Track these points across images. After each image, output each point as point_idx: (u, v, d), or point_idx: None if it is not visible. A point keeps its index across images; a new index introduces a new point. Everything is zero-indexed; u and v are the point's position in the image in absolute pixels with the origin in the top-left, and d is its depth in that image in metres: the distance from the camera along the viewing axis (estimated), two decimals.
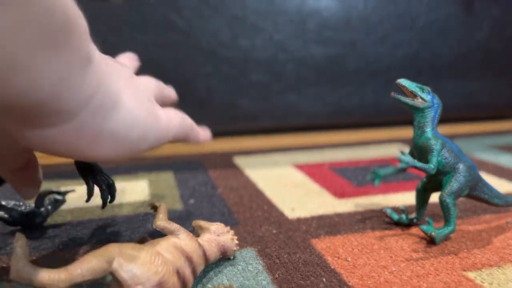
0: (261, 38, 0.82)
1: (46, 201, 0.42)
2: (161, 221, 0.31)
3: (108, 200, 0.36)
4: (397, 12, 0.88)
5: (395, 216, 0.42)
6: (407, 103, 0.39)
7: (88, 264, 0.23)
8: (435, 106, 0.39)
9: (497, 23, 0.94)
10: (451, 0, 0.91)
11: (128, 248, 0.25)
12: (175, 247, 0.28)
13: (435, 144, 0.38)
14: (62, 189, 0.57)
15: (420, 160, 0.39)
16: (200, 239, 0.33)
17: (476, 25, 0.93)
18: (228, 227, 0.35)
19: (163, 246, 0.28)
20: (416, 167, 0.36)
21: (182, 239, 0.30)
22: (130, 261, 0.24)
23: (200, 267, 0.30)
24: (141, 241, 0.35)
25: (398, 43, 0.89)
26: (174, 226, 0.31)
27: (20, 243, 0.23)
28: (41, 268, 0.22)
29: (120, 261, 0.24)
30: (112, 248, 0.25)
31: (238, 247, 0.35)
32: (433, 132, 0.38)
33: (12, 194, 0.54)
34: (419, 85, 0.39)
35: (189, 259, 0.29)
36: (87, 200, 0.35)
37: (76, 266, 0.23)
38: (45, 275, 0.22)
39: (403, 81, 0.39)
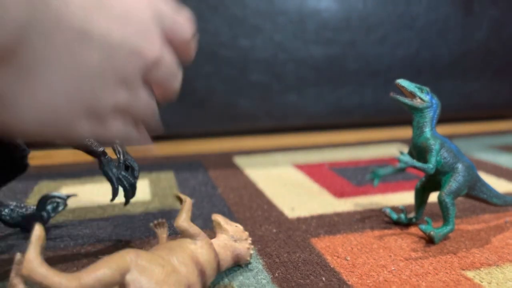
0: (261, 39, 0.82)
1: (48, 205, 0.42)
2: (184, 222, 0.29)
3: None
4: (396, 12, 0.88)
5: (394, 216, 0.42)
6: (406, 103, 0.39)
7: (100, 274, 0.22)
8: (434, 106, 0.39)
9: (496, 23, 0.94)
10: (450, 0, 0.91)
11: (145, 260, 0.24)
12: (192, 258, 0.27)
13: (434, 144, 0.38)
14: (64, 189, 0.57)
15: (419, 160, 0.39)
16: (216, 244, 0.32)
17: (475, 25, 0.93)
18: (247, 233, 0.34)
19: (180, 257, 0.27)
20: (415, 167, 0.37)
21: (199, 247, 0.29)
22: (143, 276, 0.23)
23: (210, 279, 0.29)
24: (158, 224, 0.34)
25: (397, 43, 0.89)
26: (195, 230, 0.29)
27: (37, 237, 0.22)
28: (54, 271, 0.22)
29: (134, 275, 0.23)
30: (129, 257, 0.24)
31: (251, 257, 0.34)
32: (432, 132, 0.39)
33: (13, 194, 0.54)
34: (418, 85, 0.39)
35: (202, 273, 0.28)
36: (112, 200, 0.36)
37: (88, 274, 0.22)
38: (56, 280, 0.21)
39: (402, 82, 0.39)
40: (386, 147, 0.80)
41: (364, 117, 0.93)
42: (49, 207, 0.42)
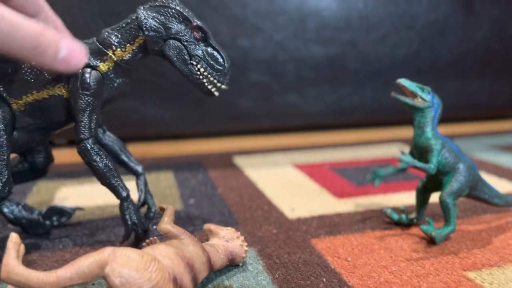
0: (261, 38, 0.82)
1: (54, 216, 0.43)
2: (166, 224, 0.30)
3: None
4: (397, 12, 0.88)
5: (395, 216, 0.42)
6: (407, 103, 0.39)
7: (78, 268, 0.23)
8: (435, 106, 0.39)
9: (497, 23, 0.94)
10: (451, 0, 0.90)
11: (123, 253, 0.25)
12: (176, 253, 0.28)
13: (435, 144, 0.38)
14: (62, 190, 0.57)
15: (420, 160, 0.39)
16: (206, 245, 0.32)
17: (476, 25, 0.93)
18: (239, 233, 0.34)
19: (163, 251, 0.27)
20: (416, 167, 0.36)
21: (185, 244, 0.29)
22: (123, 266, 0.24)
23: (202, 274, 0.29)
24: (149, 243, 0.35)
25: (398, 43, 0.89)
26: (178, 230, 0.30)
27: (13, 243, 0.23)
28: (31, 270, 0.22)
29: (113, 266, 0.24)
30: (106, 252, 0.24)
31: (247, 254, 0.34)
32: (433, 132, 0.38)
33: (12, 195, 0.54)
34: (419, 85, 0.39)
35: (190, 266, 0.28)
36: (121, 242, 0.37)
37: (65, 270, 0.23)
38: (34, 277, 0.22)
39: (404, 81, 0.39)
40: (387, 147, 0.79)
41: (364, 117, 0.92)
42: (54, 217, 0.43)
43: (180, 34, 0.34)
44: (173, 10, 0.34)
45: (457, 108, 0.96)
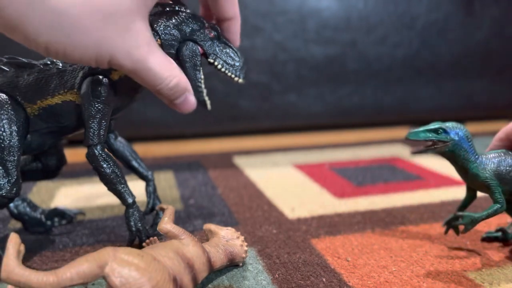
0: (261, 38, 0.82)
1: (56, 217, 0.44)
2: (166, 224, 0.30)
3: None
4: (397, 12, 0.88)
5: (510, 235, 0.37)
6: (433, 153, 0.35)
7: (78, 268, 0.23)
8: (461, 137, 0.35)
9: (497, 23, 0.94)
10: (451, 0, 0.90)
11: (123, 253, 0.25)
12: (176, 253, 0.28)
13: (488, 178, 0.34)
14: (62, 190, 0.57)
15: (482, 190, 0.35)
16: (206, 245, 0.32)
17: (476, 25, 0.93)
18: (239, 233, 0.35)
19: (163, 251, 0.27)
20: (486, 218, 0.33)
21: (185, 244, 0.29)
22: (123, 266, 0.24)
23: (202, 274, 0.30)
24: (149, 243, 0.35)
25: (398, 43, 0.89)
26: (178, 230, 0.30)
27: (13, 243, 0.22)
28: (31, 270, 0.22)
29: (113, 266, 0.24)
30: (106, 252, 0.24)
31: (247, 254, 0.34)
32: (477, 164, 0.35)
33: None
34: (431, 127, 0.35)
35: (190, 266, 0.28)
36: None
37: (65, 270, 0.23)
38: (33, 277, 0.22)
39: (413, 135, 0.34)
40: (387, 147, 0.79)
41: (364, 117, 0.92)
42: (55, 218, 0.44)
43: (196, 34, 0.35)
44: (184, 14, 0.35)
45: (457, 108, 0.96)
